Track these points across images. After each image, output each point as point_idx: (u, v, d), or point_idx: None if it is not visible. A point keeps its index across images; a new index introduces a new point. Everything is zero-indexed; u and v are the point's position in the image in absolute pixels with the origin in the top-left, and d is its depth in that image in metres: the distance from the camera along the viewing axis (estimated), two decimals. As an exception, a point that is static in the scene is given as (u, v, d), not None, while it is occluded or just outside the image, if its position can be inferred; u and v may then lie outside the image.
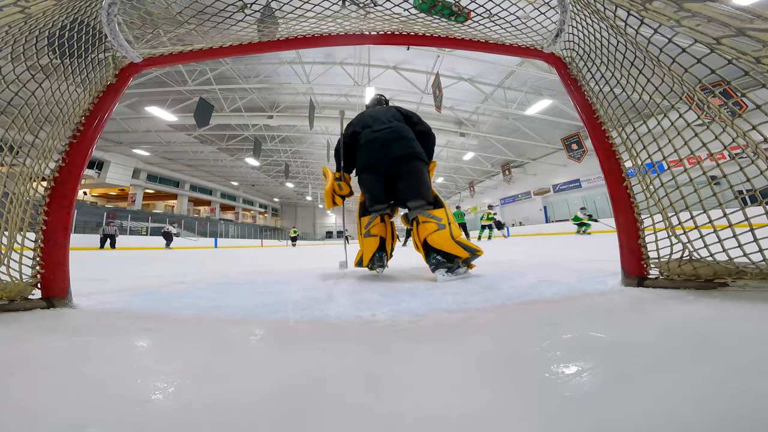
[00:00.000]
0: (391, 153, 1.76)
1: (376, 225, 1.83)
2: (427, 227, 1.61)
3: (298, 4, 1.21)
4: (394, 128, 1.82)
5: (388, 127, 1.83)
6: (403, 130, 1.83)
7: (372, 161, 1.80)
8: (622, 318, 0.77)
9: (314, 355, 0.60)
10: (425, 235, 1.62)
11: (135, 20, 1.19)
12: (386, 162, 1.77)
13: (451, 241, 1.54)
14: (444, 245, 1.55)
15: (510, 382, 0.45)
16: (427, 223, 1.62)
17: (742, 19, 0.56)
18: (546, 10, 1.23)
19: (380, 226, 1.84)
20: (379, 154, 1.77)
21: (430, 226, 1.60)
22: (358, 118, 2.03)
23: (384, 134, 1.80)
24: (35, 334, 0.76)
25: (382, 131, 1.81)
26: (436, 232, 1.57)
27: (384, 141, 1.78)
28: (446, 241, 1.55)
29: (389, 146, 1.77)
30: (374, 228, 1.82)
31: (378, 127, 1.85)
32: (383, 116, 1.93)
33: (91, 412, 0.41)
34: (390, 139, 1.78)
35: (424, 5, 1.38)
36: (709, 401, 0.37)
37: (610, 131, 1.18)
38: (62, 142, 1.10)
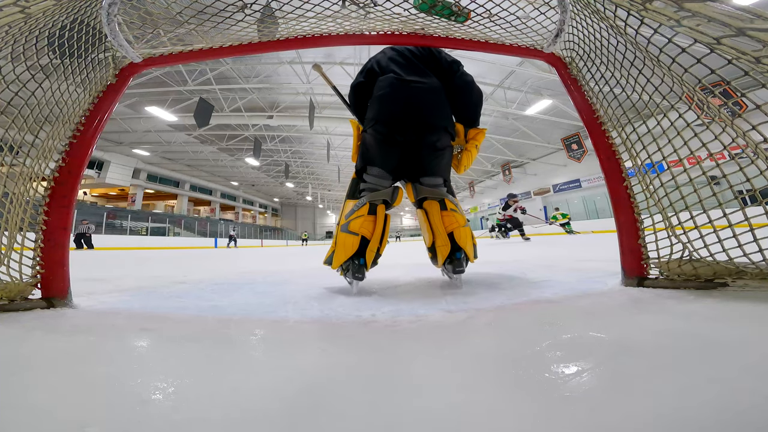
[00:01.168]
0: (425, 117, 1.36)
1: (360, 218, 1.30)
2: (457, 218, 1.34)
3: (298, 4, 1.21)
4: (433, 87, 1.40)
5: (424, 83, 1.39)
6: (441, 92, 1.42)
7: (393, 116, 1.35)
8: (622, 318, 0.77)
9: (315, 356, 0.60)
10: (454, 227, 1.32)
11: (135, 20, 1.19)
12: (415, 125, 1.35)
13: (471, 242, 1.35)
14: (467, 245, 1.31)
15: (510, 382, 0.45)
16: (456, 213, 1.36)
17: (743, 19, 0.56)
18: (546, 10, 1.23)
19: (367, 220, 1.29)
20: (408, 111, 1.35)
21: (461, 218, 1.35)
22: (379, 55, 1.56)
23: (419, 90, 1.37)
24: (35, 333, 0.76)
25: (417, 85, 1.37)
26: (464, 228, 1.34)
27: (417, 98, 1.36)
28: (470, 240, 1.34)
29: (424, 108, 1.36)
30: (356, 222, 1.29)
31: (410, 76, 1.39)
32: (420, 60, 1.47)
33: (92, 412, 0.41)
34: (426, 100, 1.37)
35: (424, 5, 1.38)
36: (710, 401, 0.37)
37: (610, 131, 1.18)
38: (62, 142, 1.10)
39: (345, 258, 1.27)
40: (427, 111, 1.37)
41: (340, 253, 1.28)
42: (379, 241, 1.33)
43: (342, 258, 1.27)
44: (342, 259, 1.28)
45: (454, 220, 1.34)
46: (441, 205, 1.37)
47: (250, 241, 24.49)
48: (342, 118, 15.00)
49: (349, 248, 1.27)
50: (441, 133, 1.39)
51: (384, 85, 1.41)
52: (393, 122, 1.36)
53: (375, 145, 1.40)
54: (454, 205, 1.38)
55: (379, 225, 1.33)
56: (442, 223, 1.34)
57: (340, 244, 1.30)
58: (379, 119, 1.38)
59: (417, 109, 1.36)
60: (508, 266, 1.97)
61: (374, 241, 1.31)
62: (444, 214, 1.35)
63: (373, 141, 1.40)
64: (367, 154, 1.43)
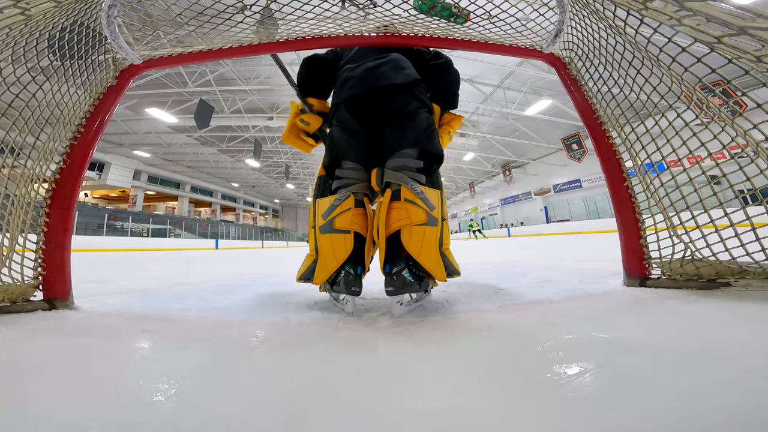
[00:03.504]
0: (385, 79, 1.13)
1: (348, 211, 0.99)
2: (410, 212, 0.93)
3: (298, 5, 1.21)
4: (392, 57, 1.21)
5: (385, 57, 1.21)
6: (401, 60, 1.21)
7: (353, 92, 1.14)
8: (625, 318, 0.76)
9: (315, 356, 0.60)
10: (403, 224, 0.92)
11: (135, 22, 1.20)
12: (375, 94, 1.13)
13: (436, 251, 0.92)
14: (423, 253, 0.90)
15: (512, 383, 0.45)
16: (411, 206, 0.94)
17: (744, 18, 0.56)
18: (545, 11, 1.23)
19: (356, 214, 1.00)
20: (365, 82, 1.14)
21: (416, 213, 0.93)
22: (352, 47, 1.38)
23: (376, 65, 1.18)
24: (37, 335, 0.76)
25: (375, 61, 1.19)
26: (422, 227, 0.91)
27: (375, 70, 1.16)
28: (429, 248, 0.91)
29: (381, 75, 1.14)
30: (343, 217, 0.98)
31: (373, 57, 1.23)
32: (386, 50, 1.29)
33: (93, 413, 0.41)
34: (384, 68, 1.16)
35: (424, 6, 1.38)
36: (712, 401, 0.37)
37: (610, 131, 1.18)
38: (63, 143, 1.10)
39: (335, 266, 0.92)
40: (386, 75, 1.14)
41: (327, 262, 0.94)
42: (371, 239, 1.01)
43: (330, 267, 0.93)
44: (330, 269, 0.93)
45: (403, 214, 0.93)
46: (394, 195, 0.97)
47: (250, 242, 24.51)
48: (342, 119, 14.98)
49: (340, 251, 0.93)
50: (407, 96, 1.13)
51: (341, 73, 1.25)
52: (352, 101, 1.15)
53: (341, 135, 1.16)
54: (413, 195, 0.95)
55: (369, 220, 1.03)
56: (384, 220, 0.94)
57: (324, 249, 0.95)
58: (339, 102, 1.18)
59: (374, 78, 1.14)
60: (510, 266, 1.97)
61: (369, 240, 1.01)
62: (392, 206, 0.95)
63: (339, 131, 1.17)
64: (334, 148, 1.16)
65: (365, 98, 1.14)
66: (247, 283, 1.73)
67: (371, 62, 1.19)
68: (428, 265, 0.90)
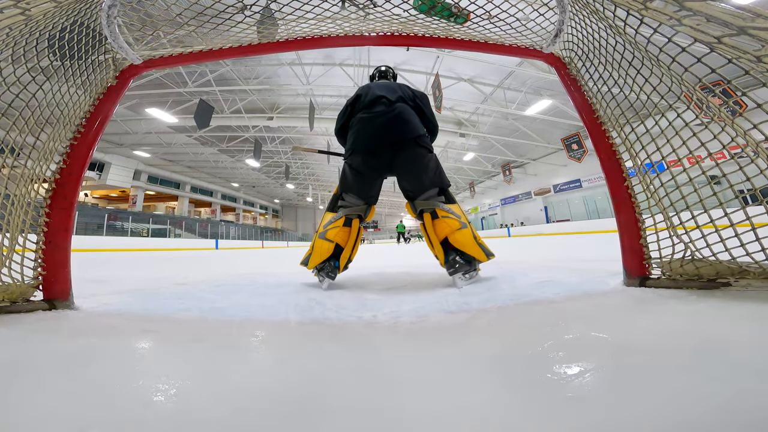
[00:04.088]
0: (392, 135, 1.48)
1: (336, 228, 1.53)
2: (449, 224, 1.42)
3: (298, 5, 1.21)
4: (401, 110, 1.54)
5: (393, 106, 1.55)
6: (406, 112, 1.54)
7: (367, 145, 1.51)
8: (625, 318, 0.76)
9: (316, 357, 0.60)
10: (447, 232, 1.41)
11: (135, 22, 1.20)
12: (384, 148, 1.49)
13: (474, 242, 1.40)
14: (466, 245, 1.38)
15: (512, 383, 0.45)
16: (448, 219, 1.43)
17: (744, 18, 0.56)
18: (545, 11, 1.23)
19: (342, 231, 1.53)
20: (381, 134, 1.48)
21: (453, 223, 1.41)
22: (360, 90, 1.71)
23: (389, 115, 1.51)
24: (37, 335, 0.76)
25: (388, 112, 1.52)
26: (459, 230, 1.40)
27: (388, 122, 1.49)
28: (469, 242, 1.39)
29: (394, 127, 1.49)
30: (332, 231, 1.52)
31: (380, 107, 1.56)
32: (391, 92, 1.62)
33: (94, 413, 0.41)
34: (395, 121, 1.50)
35: (424, 6, 1.38)
36: (713, 402, 0.37)
37: (610, 131, 1.18)
38: (63, 143, 1.10)
39: (320, 260, 1.49)
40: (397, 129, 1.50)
41: (316, 256, 1.51)
42: (350, 249, 1.59)
43: (317, 260, 1.50)
44: (317, 261, 1.50)
45: (446, 225, 1.43)
46: (432, 215, 1.48)
47: (250, 242, 24.51)
48: (342, 119, 14.97)
49: (324, 252, 1.50)
50: (412, 147, 1.50)
51: (355, 122, 1.62)
52: (365, 150, 1.53)
53: (351, 174, 1.59)
54: (446, 212, 1.46)
55: (352, 236, 1.58)
56: (434, 233, 1.47)
57: (316, 248, 1.52)
58: (354, 149, 1.56)
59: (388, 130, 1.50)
60: (510, 266, 1.97)
61: (347, 249, 1.57)
62: (436, 223, 1.46)
63: (350, 170, 1.59)
64: (345, 183, 1.62)
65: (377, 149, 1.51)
66: (247, 283, 1.73)
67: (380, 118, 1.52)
68: (473, 253, 1.39)
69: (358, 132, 1.56)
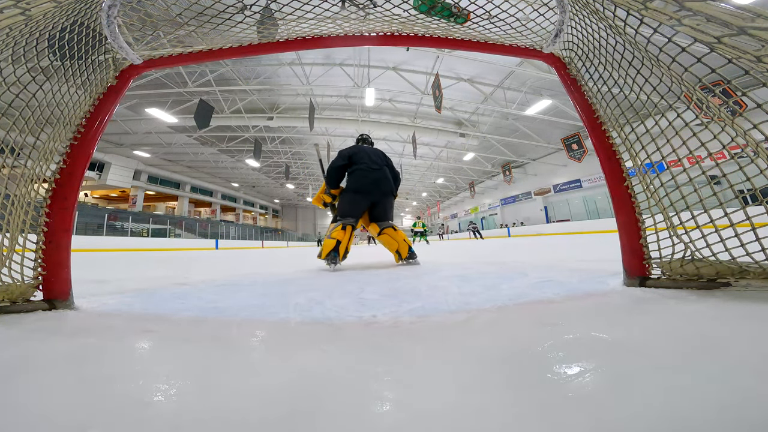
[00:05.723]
0: (381, 188, 2.75)
1: (336, 231, 2.56)
2: (401, 234, 2.78)
3: (298, 5, 1.21)
4: (385, 172, 2.81)
5: (381, 169, 2.79)
6: (388, 174, 2.85)
7: (366, 189, 2.70)
8: (625, 318, 0.76)
9: (316, 357, 0.60)
10: (400, 239, 2.74)
11: (135, 22, 1.20)
12: (377, 193, 2.74)
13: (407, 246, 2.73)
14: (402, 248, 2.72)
15: (512, 383, 0.45)
16: (395, 234, 2.76)
17: (744, 18, 0.56)
18: (545, 11, 1.23)
19: (340, 232, 2.55)
20: (373, 186, 2.71)
21: (397, 235, 2.76)
22: (356, 149, 2.82)
23: (379, 174, 2.75)
24: (37, 335, 0.76)
25: (378, 171, 2.75)
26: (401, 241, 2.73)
27: (378, 179, 2.73)
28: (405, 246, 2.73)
29: (381, 184, 2.74)
30: (334, 232, 2.56)
31: (374, 166, 2.76)
32: (377, 158, 2.86)
33: (93, 413, 0.41)
34: (382, 179, 2.76)
35: (424, 6, 1.39)
36: (712, 402, 0.37)
37: (610, 131, 1.18)
38: (63, 143, 1.10)
39: (328, 251, 2.48)
40: (384, 183, 2.77)
41: (326, 249, 2.50)
42: (346, 243, 2.60)
43: (327, 251, 2.49)
44: (327, 252, 2.49)
45: (400, 235, 2.77)
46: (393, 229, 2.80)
47: (250, 242, 24.51)
48: (342, 119, 15.01)
49: (330, 246, 2.50)
50: (390, 197, 2.85)
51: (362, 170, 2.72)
52: (366, 192, 2.72)
53: (351, 204, 2.70)
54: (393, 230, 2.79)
55: (347, 235, 2.61)
56: (400, 238, 2.74)
57: (326, 244, 2.54)
58: (359, 190, 2.70)
59: (378, 184, 2.74)
60: (510, 266, 1.97)
61: (343, 243, 2.57)
62: (397, 233, 2.78)
63: (351, 201, 2.71)
64: (345, 208, 2.72)
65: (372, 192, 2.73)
66: (247, 282, 1.73)
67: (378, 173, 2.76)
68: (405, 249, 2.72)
69: (359, 179, 2.70)
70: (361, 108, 14.64)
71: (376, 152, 2.91)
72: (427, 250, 5.63)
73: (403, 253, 2.68)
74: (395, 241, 2.71)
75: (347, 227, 2.60)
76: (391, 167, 2.94)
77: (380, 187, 2.72)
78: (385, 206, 2.80)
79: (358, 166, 2.71)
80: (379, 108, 15.06)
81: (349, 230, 2.60)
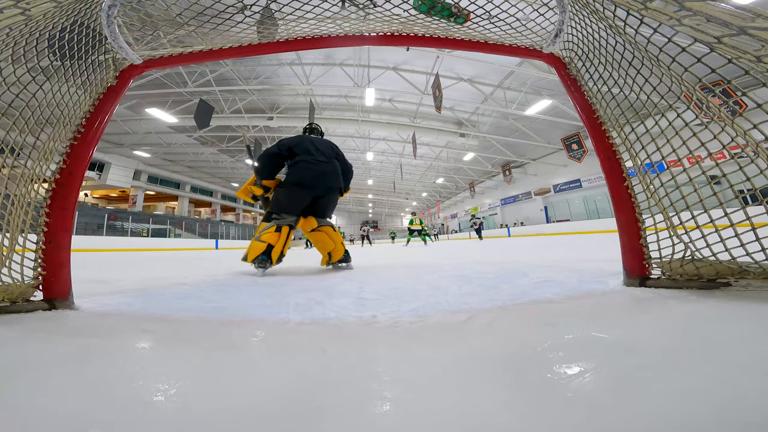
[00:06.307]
0: (328, 183, 2.41)
1: (268, 233, 2.25)
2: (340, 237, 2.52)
3: (298, 5, 1.21)
4: (334, 165, 2.49)
5: (330, 162, 2.47)
6: (338, 168, 2.52)
7: (309, 182, 2.33)
8: (625, 318, 0.76)
9: (316, 357, 0.60)
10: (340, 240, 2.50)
11: (135, 22, 1.20)
12: (322, 188, 2.39)
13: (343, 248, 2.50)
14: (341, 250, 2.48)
15: (512, 383, 0.45)
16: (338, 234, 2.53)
17: (744, 18, 0.56)
18: (545, 11, 1.23)
19: (273, 234, 2.25)
20: (319, 179, 2.36)
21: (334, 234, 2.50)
22: (299, 139, 2.46)
23: (327, 167, 2.42)
24: (37, 335, 0.76)
25: (326, 164, 2.42)
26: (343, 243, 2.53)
27: (325, 172, 2.40)
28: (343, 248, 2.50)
29: (327, 177, 2.40)
30: (265, 235, 2.25)
31: (321, 158, 2.41)
32: (325, 149, 2.51)
33: (93, 414, 0.41)
34: (330, 173, 2.43)
35: (424, 6, 1.39)
36: (713, 401, 0.37)
37: (610, 131, 1.18)
38: (63, 143, 1.10)
39: (255, 254, 2.18)
40: (332, 178, 2.43)
41: (253, 252, 2.20)
42: (281, 247, 2.29)
43: (254, 255, 2.19)
44: (254, 255, 2.19)
45: (339, 236, 2.50)
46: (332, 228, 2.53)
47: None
48: (342, 119, 15.02)
49: (258, 250, 2.18)
50: (336, 192, 2.52)
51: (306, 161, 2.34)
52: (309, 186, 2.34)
53: (290, 199, 2.36)
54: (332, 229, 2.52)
55: (282, 238, 2.29)
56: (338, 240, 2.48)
57: (253, 247, 2.22)
58: (300, 183, 2.31)
59: (325, 178, 2.39)
60: (510, 266, 1.97)
61: (278, 247, 2.25)
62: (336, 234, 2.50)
63: (290, 196, 2.35)
64: (281, 204, 2.37)
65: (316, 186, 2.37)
66: (247, 282, 1.73)
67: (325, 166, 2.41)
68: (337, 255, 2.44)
69: (301, 171, 2.32)
70: (361, 108, 14.64)
71: (325, 143, 2.57)
72: (424, 252, 5.62)
73: (337, 256, 2.42)
74: (332, 241, 2.43)
75: (283, 229, 2.29)
76: (342, 160, 2.63)
77: (326, 181, 2.38)
78: (327, 203, 2.48)
79: (302, 157, 2.35)
80: (379, 108, 15.06)
81: (285, 232, 2.30)
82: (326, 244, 2.44)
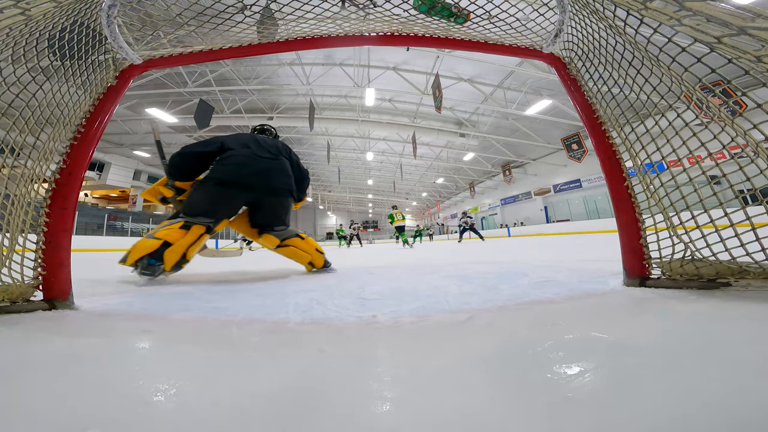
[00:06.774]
0: (272, 183, 1.93)
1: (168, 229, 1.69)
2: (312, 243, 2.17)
3: (298, 5, 1.21)
4: (282, 163, 2.04)
5: (276, 158, 2.01)
6: (288, 168, 2.10)
7: (243, 180, 1.83)
8: (625, 318, 0.76)
9: (316, 357, 0.60)
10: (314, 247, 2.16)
11: (135, 22, 1.20)
12: (262, 188, 1.90)
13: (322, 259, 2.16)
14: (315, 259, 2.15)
15: (512, 383, 0.45)
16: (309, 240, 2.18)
17: (744, 18, 0.56)
18: (545, 11, 1.23)
19: (174, 231, 1.68)
20: (259, 177, 1.88)
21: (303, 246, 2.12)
22: (235, 136, 2.03)
23: (270, 164, 1.94)
24: (37, 335, 0.76)
25: (268, 159, 1.95)
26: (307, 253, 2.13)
27: (268, 169, 1.92)
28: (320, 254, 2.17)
29: (272, 176, 1.93)
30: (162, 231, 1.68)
31: (263, 153, 1.96)
32: (271, 146, 2.07)
33: (94, 413, 0.41)
34: (276, 170, 1.96)
35: (424, 6, 1.39)
36: (713, 401, 0.37)
37: (610, 131, 1.18)
38: (63, 143, 1.10)
39: (140, 255, 1.62)
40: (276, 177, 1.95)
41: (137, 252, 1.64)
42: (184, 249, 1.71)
43: (137, 255, 1.63)
44: (137, 256, 1.63)
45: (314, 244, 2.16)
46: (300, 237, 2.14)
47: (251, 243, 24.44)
48: (342, 119, 15.02)
49: (145, 249, 1.62)
50: (286, 196, 2.06)
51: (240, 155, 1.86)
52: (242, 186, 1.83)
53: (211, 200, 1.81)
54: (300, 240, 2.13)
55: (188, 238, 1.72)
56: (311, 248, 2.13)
57: (140, 245, 1.65)
58: (229, 182, 1.79)
59: (266, 177, 1.90)
60: (510, 266, 1.97)
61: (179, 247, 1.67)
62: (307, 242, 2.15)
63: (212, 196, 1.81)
64: (198, 206, 1.81)
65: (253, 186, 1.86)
66: (247, 282, 1.73)
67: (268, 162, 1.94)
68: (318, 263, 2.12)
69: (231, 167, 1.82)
70: (361, 108, 14.64)
71: (274, 141, 2.14)
72: (421, 254, 5.62)
73: (318, 263, 2.10)
74: (305, 252, 2.07)
75: (193, 228, 1.73)
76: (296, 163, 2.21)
77: (269, 180, 1.89)
78: (273, 209, 1.99)
79: (236, 150, 1.87)
80: (379, 108, 15.07)
81: (195, 232, 1.73)
82: (301, 257, 2.09)
